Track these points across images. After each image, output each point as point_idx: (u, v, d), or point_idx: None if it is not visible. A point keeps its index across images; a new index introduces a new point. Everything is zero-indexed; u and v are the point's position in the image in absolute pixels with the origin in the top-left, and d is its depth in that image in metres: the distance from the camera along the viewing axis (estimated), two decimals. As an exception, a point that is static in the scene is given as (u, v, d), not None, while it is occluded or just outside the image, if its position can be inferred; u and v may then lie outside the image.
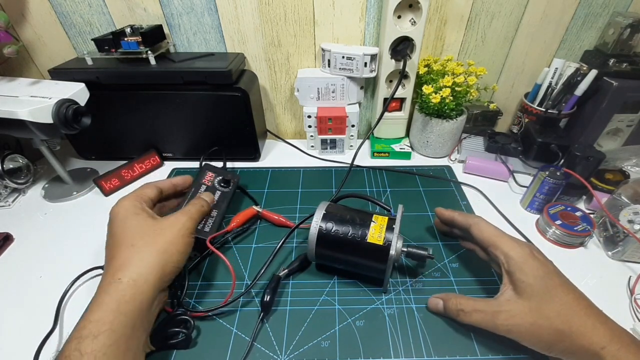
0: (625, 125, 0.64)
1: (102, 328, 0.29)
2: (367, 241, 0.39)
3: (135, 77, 0.56)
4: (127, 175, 0.60)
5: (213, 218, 0.47)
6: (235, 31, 0.61)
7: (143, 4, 0.58)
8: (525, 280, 0.34)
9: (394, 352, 0.37)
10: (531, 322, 0.33)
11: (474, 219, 0.41)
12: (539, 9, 0.60)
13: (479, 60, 0.66)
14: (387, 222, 0.40)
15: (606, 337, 0.30)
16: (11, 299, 0.42)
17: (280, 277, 0.42)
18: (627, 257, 0.46)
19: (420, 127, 0.65)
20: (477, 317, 0.36)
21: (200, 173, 0.52)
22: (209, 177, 0.52)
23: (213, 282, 0.44)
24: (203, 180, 0.52)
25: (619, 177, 0.56)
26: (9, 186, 0.56)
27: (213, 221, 0.47)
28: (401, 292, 0.43)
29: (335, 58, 0.60)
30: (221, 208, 0.49)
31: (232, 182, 0.53)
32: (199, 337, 0.38)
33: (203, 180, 0.52)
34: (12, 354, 0.37)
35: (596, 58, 0.62)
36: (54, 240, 0.50)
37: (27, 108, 0.45)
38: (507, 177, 0.61)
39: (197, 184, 0.51)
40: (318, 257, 0.42)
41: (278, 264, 0.46)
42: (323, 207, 0.42)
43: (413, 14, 0.56)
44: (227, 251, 0.48)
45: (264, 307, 0.39)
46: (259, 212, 0.52)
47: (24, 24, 0.59)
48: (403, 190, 0.59)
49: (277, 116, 0.73)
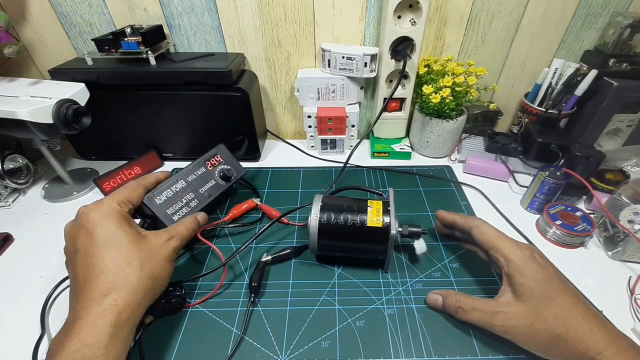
0: (625, 125, 0.64)
1: (98, 352, 0.28)
2: (367, 225, 0.41)
3: (135, 77, 0.56)
4: (127, 175, 0.60)
5: (190, 208, 0.46)
6: (235, 31, 0.61)
7: (143, 4, 0.58)
8: (525, 283, 0.34)
9: (394, 352, 0.37)
10: (528, 324, 0.33)
11: (474, 222, 0.41)
12: (539, 9, 0.60)
13: (479, 60, 0.66)
14: (382, 205, 0.42)
15: (603, 341, 0.30)
16: (11, 299, 0.42)
17: (265, 263, 0.45)
18: (627, 257, 0.46)
19: (420, 127, 0.65)
20: (475, 316, 0.36)
21: (210, 151, 0.51)
22: (215, 160, 0.51)
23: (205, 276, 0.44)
24: (207, 162, 0.50)
25: (619, 177, 0.56)
26: (9, 186, 0.56)
27: (190, 210, 0.46)
28: (401, 292, 0.43)
29: (335, 58, 0.60)
30: (204, 199, 0.48)
31: (232, 178, 0.52)
32: (194, 330, 0.38)
33: (207, 161, 0.50)
34: (12, 354, 0.37)
35: (596, 58, 0.62)
36: (54, 240, 0.50)
37: (27, 108, 0.45)
38: (507, 177, 0.61)
39: (199, 162, 0.50)
40: (321, 249, 0.43)
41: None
42: (319, 200, 0.43)
43: (413, 14, 0.56)
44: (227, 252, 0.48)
45: (253, 290, 0.41)
46: (258, 205, 0.53)
47: (24, 24, 0.59)
48: (403, 190, 0.59)
49: (277, 116, 0.73)
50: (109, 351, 0.29)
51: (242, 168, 0.55)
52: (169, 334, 0.38)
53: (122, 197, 0.39)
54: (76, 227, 0.35)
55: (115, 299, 0.31)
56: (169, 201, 0.45)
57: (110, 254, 0.33)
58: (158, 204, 0.44)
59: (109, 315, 0.30)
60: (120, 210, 0.37)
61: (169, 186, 0.46)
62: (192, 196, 0.47)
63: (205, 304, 0.41)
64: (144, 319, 0.36)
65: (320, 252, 0.44)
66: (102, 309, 0.30)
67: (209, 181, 0.50)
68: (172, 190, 0.46)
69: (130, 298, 0.32)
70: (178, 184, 0.47)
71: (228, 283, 0.44)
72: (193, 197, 0.47)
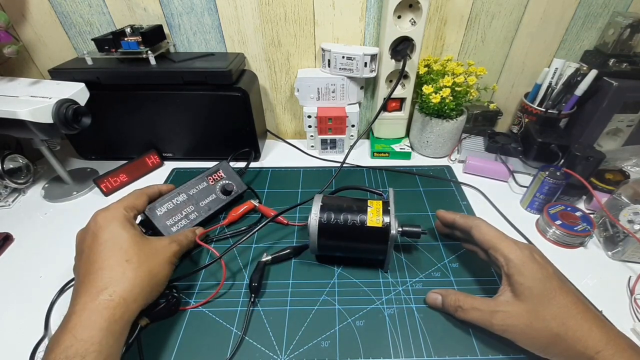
0: (625, 125, 0.64)
1: (91, 348, 0.28)
2: (367, 225, 0.41)
3: (135, 77, 0.56)
4: (127, 175, 0.60)
5: (189, 220, 0.47)
6: (235, 31, 0.61)
7: (143, 4, 0.58)
8: (524, 283, 0.34)
9: (394, 352, 0.37)
10: (527, 323, 0.33)
11: (474, 221, 0.41)
12: (539, 9, 0.60)
13: (479, 60, 0.66)
14: (382, 205, 0.42)
15: (602, 341, 0.30)
16: (11, 299, 0.42)
17: (265, 263, 0.45)
18: (627, 257, 0.46)
19: (420, 127, 0.65)
20: (474, 315, 0.37)
21: (213, 167, 0.53)
22: (217, 175, 0.52)
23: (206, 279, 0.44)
24: (209, 177, 0.52)
25: (619, 177, 0.56)
26: (9, 186, 0.56)
27: (189, 223, 0.47)
28: (401, 292, 0.43)
29: (335, 58, 0.60)
30: (204, 212, 0.49)
31: (232, 193, 0.53)
32: (194, 330, 0.38)
33: (209, 176, 0.52)
34: (12, 353, 0.37)
35: (596, 58, 0.62)
36: (54, 240, 0.50)
37: (27, 108, 0.45)
38: (507, 177, 0.61)
39: (201, 177, 0.51)
40: (321, 249, 0.43)
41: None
42: (319, 199, 0.43)
43: (413, 14, 0.56)
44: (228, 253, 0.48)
45: (253, 290, 0.41)
46: (256, 206, 0.53)
47: (24, 24, 0.59)
48: (403, 190, 0.59)
49: (277, 116, 0.73)
50: (103, 347, 0.29)
51: (243, 185, 0.55)
52: (168, 335, 0.38)
53: (128, 202, 0.41)
54: (85, 231, 0.38)
55: (111, 294, 0.32)
56: (169, 213, 0.46)
57: (110, 252, 0.35)
58: (158, 215, 0.45)
59: (103, 310, 0.31)
60: (126, 215, 0.39)
61: (171, 199, 0.47)
62: (192, 209, 0.49)
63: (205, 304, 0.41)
64: (139, 320, 0.35)
65: (320, 252, 0.44)
66: (96, 304, 0.31)
67: (210, 195, 0.51)
68: (172, 203, 0.47)
69: (126, 294, 0.32)
70: (179, 197, 0.48)
71: (228, 283, 0.44)
72: (193, 210, 0.49)
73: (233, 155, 0.61)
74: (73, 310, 0.31)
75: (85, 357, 0.28)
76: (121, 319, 0.31)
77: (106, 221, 0.37)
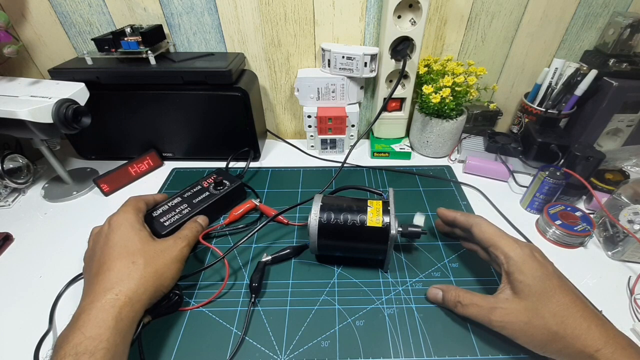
0: (625, 125, 0.64)
1: (100, 345, 0.29)
2: (367, 225, 0.41)
3: (135, 77, 0.56)
4: (127, 175, 0.60)
5: (181, 215, 0.48)
6: (235, 31, 0.61)
7: (143, 4, 0.58)
8: (524, 281, 0.34)
9: (394, 352, 0.37)
10: (525, 321, 0.33)
11: (475, 219, 0.42)
12: (539, 9, 0.60)
13: (479, 60, 0.66)
14: (382, 205, 0.42)
15: (601, 339, 0.30)
16: (11, 299, 0.42)
17: (265, 263, 0.45)
18: (627, 257, 0.46)
19: (420, 127, 0.65)
20: (473, 311, 0.37)
21: (209, 173, 0.54)
22: (211, 179, 0.53)
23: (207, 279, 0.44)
24: (203, 182, 0.53)
25: (619, 177, 0.56)
26: (9, 186, 0.56)
27: (181, 216, 0.47)
28: (401, 292, 0.43)
29: (335, 58, 0.60)
30: (196, 207, 0.49)
31: (225, 187, 0.53)
32: (194, 330, 0.38)
33: (204, 180, 0.53)
34: (12, 353, 0.37)
35: (596, 58, 0.62)
36: (54, 240, 0.50)
37: (27, 108, 0.45)
38: (507, 177, 0.61)
39: (196, 183, 0.52)
40: (320, 249, 0.43)
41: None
42: (319, 199, 0.43)
43: (413, 14, 0.56)
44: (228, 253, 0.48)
45: (253, 291, 0.41)
46: (257, 205, 0.53)
47: (24, 23, 0.59)
48: (403, 190, 0.59)
49: (277, 116, 0.73)
50: (111, 344, 0.30)
51: (237, 179, 0.55)
52: (169, 334, 0.38)
53: (136, 205, 0.43)
54: (99, 233, 0.40)
55: (117, 293, 0.33)
56: (163, 213, 0.48)
57: (119, 254, 0.36)
58: (153, 216, 0.47)
59: (110, 309, 0.31)
60: (137, 217, 0.41)
61: (166, 203, 0.49)
62: (186, 206, 0.49)
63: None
64: (142, 318, 0.36)
65: (320, 252, 0.44)
66: (103, 302, 0.32)
67: (203, 193, 0.52)
68: (167, 205, 0.49)
69: (131, 293, 0.33)
70: (174, 200, 0.50)
71: (229, 283, 0.44)
72: (186, 207, 0.49)
73: (233, 155, 0.62)
74: (82, 309, 0.32)
75: (94, 353, 0.28)
76: (127, 318, 0.32)
77: (117, 224, 0.39)
